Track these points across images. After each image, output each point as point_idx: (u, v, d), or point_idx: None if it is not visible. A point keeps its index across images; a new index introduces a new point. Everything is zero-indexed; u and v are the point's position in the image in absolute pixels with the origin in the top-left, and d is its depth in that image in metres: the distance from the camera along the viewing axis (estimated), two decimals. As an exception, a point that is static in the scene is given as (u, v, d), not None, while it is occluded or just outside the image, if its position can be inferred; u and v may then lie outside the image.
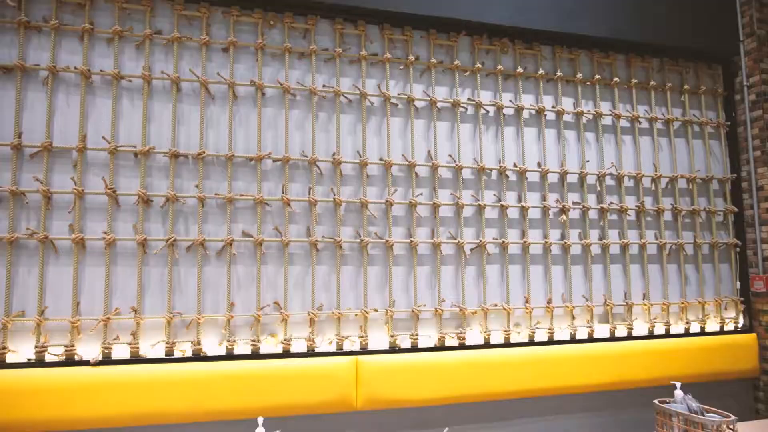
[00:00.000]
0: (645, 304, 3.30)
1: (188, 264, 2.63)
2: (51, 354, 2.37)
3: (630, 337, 3.22)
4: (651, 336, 3.26)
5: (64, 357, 2.38)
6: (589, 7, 3.29)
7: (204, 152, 2.66)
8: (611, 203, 3.33)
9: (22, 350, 2.38)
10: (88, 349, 2.45)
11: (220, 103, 2.77)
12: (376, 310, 2.84)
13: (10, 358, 2.35)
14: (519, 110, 3.20)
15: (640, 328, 3.28)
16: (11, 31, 2.52)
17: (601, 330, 3.20)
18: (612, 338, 3.18)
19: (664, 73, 3.59)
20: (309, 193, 2.81)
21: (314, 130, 2.84)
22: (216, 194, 2.68)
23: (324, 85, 2.91)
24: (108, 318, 2.46)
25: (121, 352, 2.48)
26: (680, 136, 3.59)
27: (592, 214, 3.29)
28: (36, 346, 2.36)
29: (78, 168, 2.51)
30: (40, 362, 2.35)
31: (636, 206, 3.37)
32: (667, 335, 3.28)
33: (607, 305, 3.21)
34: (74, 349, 2.40)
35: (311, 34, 2.91)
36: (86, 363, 2.38)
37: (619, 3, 3.36)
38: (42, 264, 2.43)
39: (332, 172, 2.88)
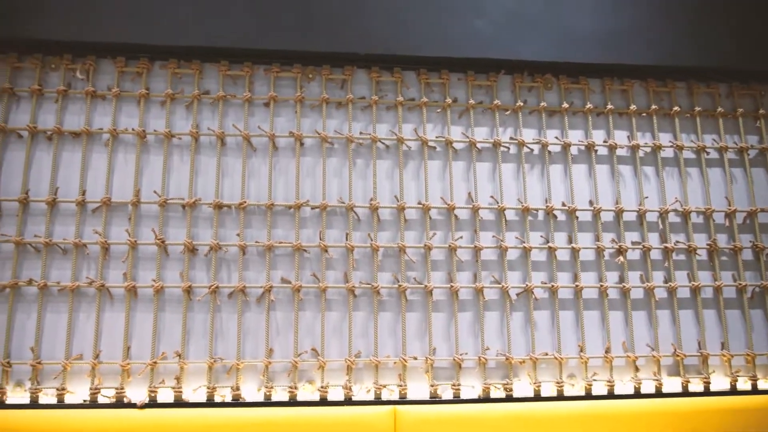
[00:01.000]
0: (725, 355, 3.04)
1: (230, 310, 2.83)
2: (103, 396, 2.63)
3: (707, 392, 2.97)
4: (733, 392, 2.99)
5: (115, 399, 2.63)
6: (640, 35, 3.25)
7: (245, 202, 2.90)
8: (677, 242, 3.16)
9: (78, 392, 2.65)
10: (137, 391, 2.68)
11: (261, 154, 3.02)
12: (415, 358, 2.86)
13: (68, 399, 2.63)
14: (566, 147, 3.18)
15: (720, 382, 3.03)
16: (80, 100, 2.95)
17: (672, 384, 2.99)
18: (685, 393, 2.96)
19: (734, 98, 3.41)
20: (346, 239, 2.94)
21: (351, 177, 3.00)
22: (256, 242, 2.88)
23: (361, 132, 3.08)
24: (155, 362, 2.69)
25: (166, 395, 2.68)
26: (758, 165, 3.36)
27: (655, 255, 3.14)
28: (90, 388, 2.62)
29: (132, 220, 2.83)
30: (93, 403, 2.61)
31: (707, 245, 3.17)
32: (755, 391, 3.00)
33: (678, 355, 3.00)
34: (124, 392, 2.63)
35: (348, 84, 3.12)
36: (134, 405, 2.61)
37: (674, 28, 3.29)
38: (98, 310, 2.72)
39: (369, 217, 3.00)
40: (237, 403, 2.68)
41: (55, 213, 2.82)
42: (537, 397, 2.85)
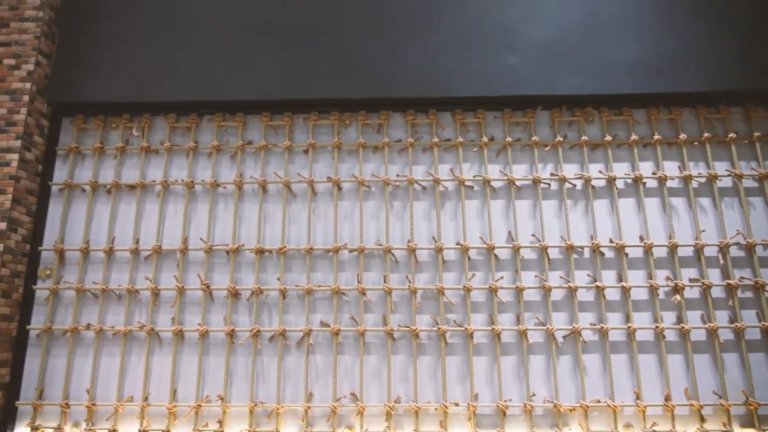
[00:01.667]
0: (806, 405, 2.79)
1: (270, 353, 2.93)
2: (151, 438, 2.78)
3: (787, 446, 2.72)
4: (819, 447, 2.72)
5: (162, 441, 2.77)
6: (685, 62, 3.16)
7: (285, 247, 3.03)
8: (742, 278, 2.97)
9: (129, 433, 2.82)
10: (182, 434, 2.81)
11: (301, 200, 3.16)
12: (457, 404, 2.82)
13: (119, 441, 2.79)
14: (611, 181, 3.11)
15: (802, 435, 2.76)
16: (136, 156, 3.23)
17: (744, 436, 2.76)
18: (761, 447, 2.72)
19: (799, 121, 3.23)
20: (384, 282, 2.99)
21: (388, 219, 3.07)
22: (296, 285, 2.99)
23: (397, 175, 3.17)
24: (199, 405, 2.82)
25: (209, 439, 2.79)
26: (832, 193, 3.13)
27: (717, 292, 2.96)
28: (139, 430, 2.77)
29: (180, 267, 3.03)
30: (142, 446, 2.76)
31: (778, 281, 2.96)
32: None
33: (750, 404, 2.77)
34: (170, 435, 2.77)
35: (384, 127, 3.23)
36: (179, 448, 2.73)
37: (723, 51, 3.18)
38: (148, 353, 2.91)
39: (407, 259, 3.04)
40: (277, 447, 2.74)
41: (112, 261, 3.08)
42: (589, 448, 2.73)
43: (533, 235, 3.07)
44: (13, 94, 3.06)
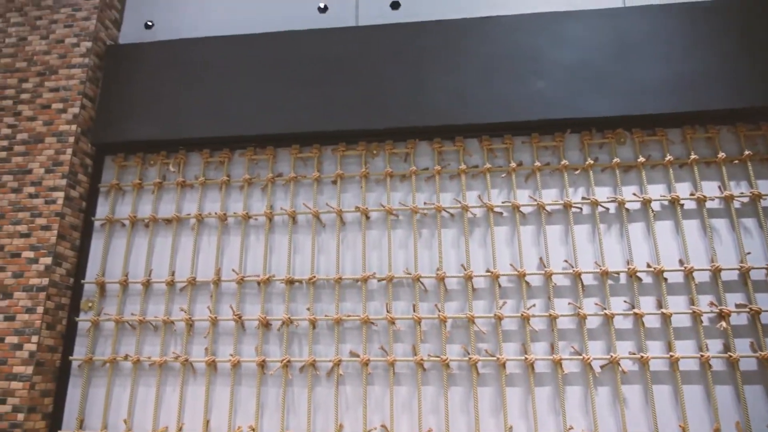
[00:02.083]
0: None
1: (301, 384, 2.95)
2: (185, 469, 2.82)
3: None
4: None
5: (195, 473, 2.81)
6: (720, 79, 3.08)
7: (315, 277, 3.08)
8: (794, 304, 2.81)
9: (164, 464, 2.88)
10: (215, 466, 2.85)
11: (329, 230, 3.22)
12: (490, 437, 2.75)
13: (154, 471, 2.85)
14: (646, 203, 3.02)
15: None
16: (173, 190, 3.38)
17: (805, 475, 2.57)
18: (825, 488, 2.53)
19: None
20: (413, 311, 2.99)
21: (416, 248, 3.08)
22: (325, 315, 3.02)
23: (425, 203, 3.18)
24: (231, 436, 2.86)
25: (241, 470, 2.82)
26: None
27: (766, 318, 2.80)
28: (173, 461, 2.83)
29: (213, 298, 3.11)
30: (176, 476, 2.81)
31: (835, 306, 2.79)
32: None
33: (810, 440, 2.59)
34: (203, 466, 2.81)
35: (411, 156, 3.27)
36: (212, 480, 2.76)
37: (760, 66, 3.08)
38: (182, 384, 2.98)
39: (436, 287, 3.03)
40: (308, 480, 2.74)
41: (149, 293, 3.20)
42: (633, 486, 2.60)
43: (566, 261, 3.01)
44: (60, 136, 3.27)
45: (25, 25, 3.56)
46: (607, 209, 3.08)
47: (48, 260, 3.04)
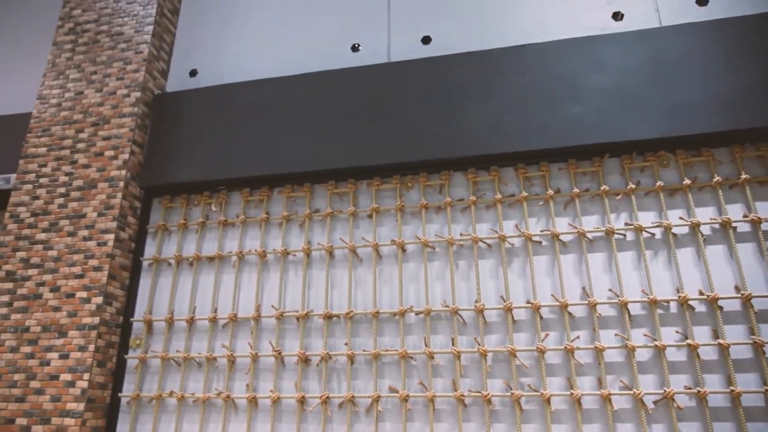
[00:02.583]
0: None
1: (340, 420, 2.93)
2: (228, 507, 2.83)
3: None
4: None
5: None
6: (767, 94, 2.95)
7: (352, 311, 3.09)
8: None
9: (207, 502, 2.90)
10: (257, 504, 2.84)
11: (366, 264, 3.24)
12: (537, 478, 2.63)
13: None
14: (695, 227, 2.89)
15: None
16: (215, 229, 3.51)
17: None
18: None
19: None
20: (452, 344, 2.93)
21: (454, 280, 3.05)
22: (364, 350, 3.01)
23: (461, 234, 3.16)
24: (272, 474, 2.86)
25: None
26: None
27: (839, 350, 2.59)
28: (216, 499, 2.85)
29: (253, 334, 3.17)
30: None
31: None
32: None
33: None
34: (244, 504, 2.81)
35: (446, 187, 3.27)
36: None
37: (814, 81, 2.94)
38: (224, 420, 3.02)
39: (475, 320, 2.98)
40: None
41: (193, 330, 3.30)
42: None
43: (610, 290, 2.89)
44: (112, 181, 3.48)
45: (83, 80, 3.84)
46: (653, 235, 2.96)
47: (99, 300, 3.19)
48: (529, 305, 2.93)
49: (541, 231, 3.08)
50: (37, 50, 4.38)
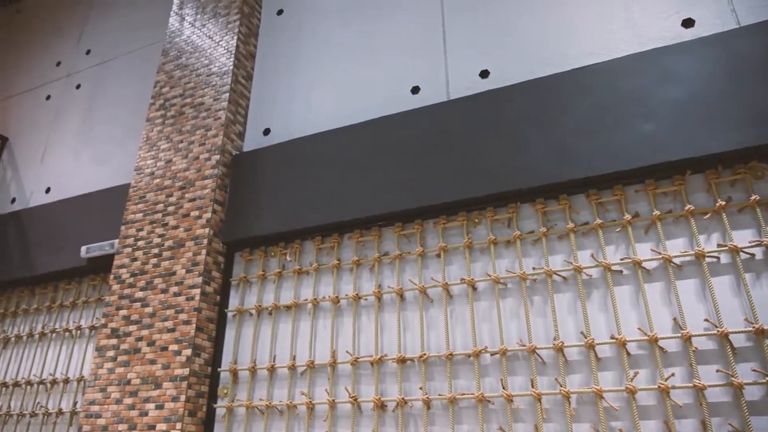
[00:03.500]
0: None
1: (419, 470, 2.84)
2: None
3: None
4: None
5: None
6: None
7: (426, 354, 3.02)
8: None
9: None
10: None
11: (437, 304, 3.18)
12: None
13: None
14: (804, 244, 2.54)
15: None
16: (291, 278, 3.63)
17: None
18: None
19: None
20: (531, 386, 2.76)
21: (529, 316, 2.90)
22: (439, 394, 2.92)
23: (534, 268, 3.02)
24: None
25: None
26: None
27: None
28: None
29: (330, 380, 3.20)
30: None
31: None
32: None
33: None
34: None
35: (514, 220, 3.16)
36: None
37: None
38: (306, 470, 3.04)
39: (555, 359, 2.79)
40: None
41: (274, 378, 3.39)
42: None
43: (706, 320, 2.60)
44: (197, 239, 3.74)
45: (171, 149, 4.23)
46: (752, 255, 2.64)
47: (189, 352, 3.40)
48: (614, 341, 2.70)
49: (621, 259, 2.86)
50: (137, 127, 4.90)
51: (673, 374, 2.56)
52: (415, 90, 3.82)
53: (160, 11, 5.52)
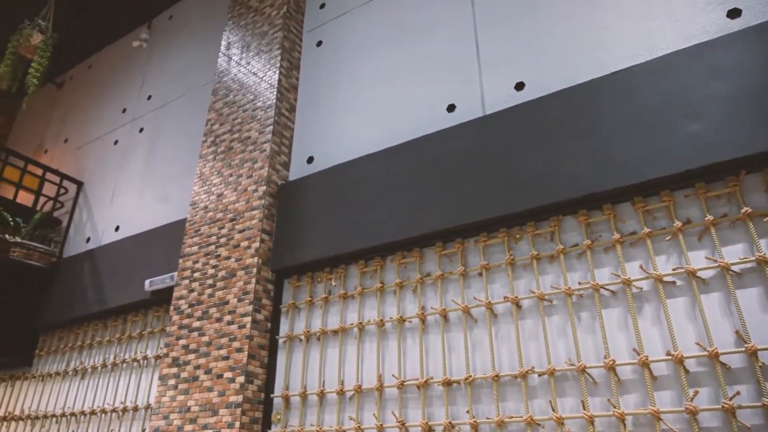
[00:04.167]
0: None
1: (470, 497, 2.75)
2: None
3: None
4: None
5: None
6: None
7: (471, 376, 2.95)
8: None
9: None
10: None
11: (481, 324, 3.10)
12: None
13: None
14: None
15: None
16: (337, 303, 3.67)
17: None
18: None
19: None
20: (583, 408, 2.62)
21: (576, 334, 2.77)
22: (487, 418, 2.83)
23: (580, 283, 2.88)
24: None
25: None
26: None
27: None
28: None
29: (378, 404, 3.18)
30: None
31: None
32: None
33: None
34: None
35: (556, 234, 3.05)
36: None
37: None
38: (357, 496, 3.02)
39: (607, 378, 2.64)
40: None
41: (324, 403, 3.41)
42: None
43: (774, 332, 2.38)
44: (247, 268, 3.88)
45: (222, 183, 4.43)
46: (823, 259, 2.40)
47: (242, 379, 3.50)
48: (670, 357, 2.52)
49: (674, 269, 2.68)
50: (192, 164, 5.17)
51: (738, 393, 2.35)
52: (451, 108, 3.81)
53: (210, 53, 5.83)
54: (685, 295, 2.63)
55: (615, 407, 2.55)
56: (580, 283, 2.90)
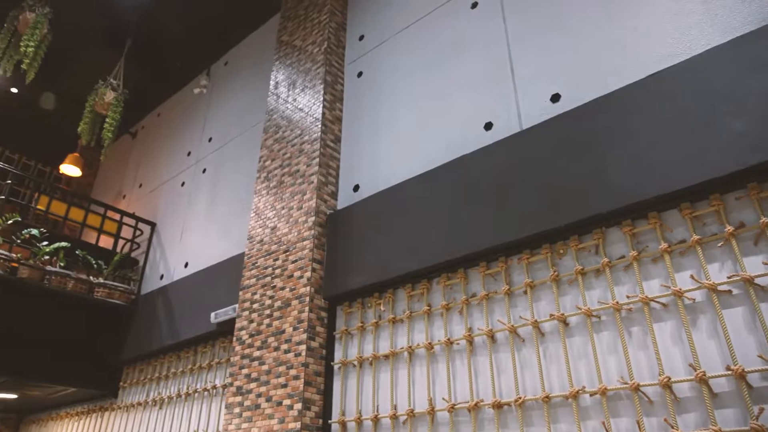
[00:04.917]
0: None
1: None
2: None
3: None
4: None
5: None
6: None
7: (521, 398, 2.88)
8: None
9: None
10: None
11: (529, 343, 3.03)
12: None
13: None
14: None
15: None
16: (386, 327, 3.71)
17: None
18: None
19: None
20: (638, 429, 2.49)
21: (627, 351, 2.65)
22: (539, 441, 2.76)
23: (628, 296, 2.76)
24: None
25: None
26: None
27: None
28: None
29: (429, 429, 3.17)
30: None
31: None
32: None
33: None
34: None
35: (601, 247, 2.94)
36: None
37: None
38: None
39: (663, 397, 2.50)
40: None
41: (378, 428, 3.44)
42: None
43: None
44: (300, 297, 4.01)
45: (275, 216, 4.63)
46: None
47: (299, 406, 3.60)
48: (730, 372, 2.35)
49: (729, 277, 2.51)
50: (249, 201, 5.44)
51: (808, 409, 2.17)
52: (488, 126, 3.80)
53: (261, 93, 6.16)
54: (743, 305, 2.46)
55: (673, 427, 2.41)
56: (628, 297, 2.78)
